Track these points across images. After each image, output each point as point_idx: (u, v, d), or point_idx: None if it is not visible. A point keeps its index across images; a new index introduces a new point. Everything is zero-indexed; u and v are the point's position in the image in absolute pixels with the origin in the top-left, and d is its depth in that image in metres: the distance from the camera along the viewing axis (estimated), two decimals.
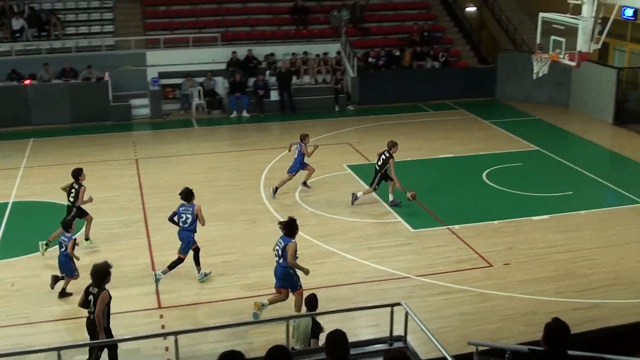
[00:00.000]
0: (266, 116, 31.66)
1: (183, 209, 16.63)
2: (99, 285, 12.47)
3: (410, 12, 38.32)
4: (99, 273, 12.50)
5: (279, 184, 22.14)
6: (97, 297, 12.38)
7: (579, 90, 32.95)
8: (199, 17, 35.23)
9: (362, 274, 17.23)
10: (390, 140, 21.65)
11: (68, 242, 15.98)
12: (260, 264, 17.35)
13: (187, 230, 16.57)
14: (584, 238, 19.48)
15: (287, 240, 14.56)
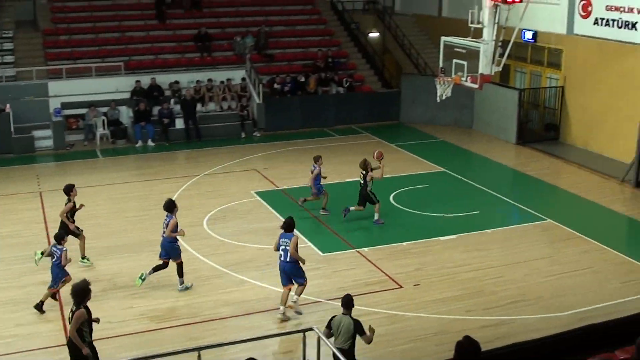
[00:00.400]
0: (172, 145, 31.31)
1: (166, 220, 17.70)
2: (79, 304, 12.56)
3: (314, 38, 38.61)
4: (78, 292, 12.64)
5: (324, 204, 22.98)
6: (73, 314, 12.51)
7: (482, 111, 33.61)
8: (102, 46, 34.79)
9: (274, 301, 17.07)
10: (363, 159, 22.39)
11: (60, 253, 16.19)
12: (172, 295, 17.11)
13: (166, 240, 17.58)
14: (491, 256, 19.80)
15: (290, 235, 16.23)
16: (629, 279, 18.45)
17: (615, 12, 28.11)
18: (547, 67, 32.31)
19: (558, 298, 17.42)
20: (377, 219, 22.02)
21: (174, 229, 17.42)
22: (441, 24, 38.19)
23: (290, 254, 16.23)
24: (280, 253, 16.44)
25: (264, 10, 39.23)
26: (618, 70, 28.33)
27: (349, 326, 12.70)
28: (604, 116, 29.23)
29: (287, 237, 16.32)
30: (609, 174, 26.89)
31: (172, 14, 37.46)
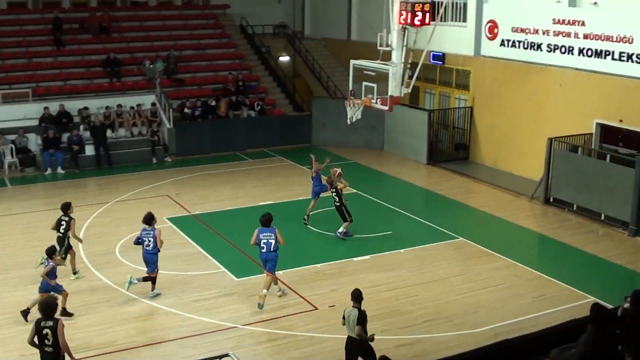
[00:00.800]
0: (82, 172, 30.74)
1: (145, 233, 18.36)
2: (51, 317, 12.86)
3: (224, 62, 38.53)
4: (49, 307, 12.99)
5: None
6: (55, 328, 12.73)
7: (392, 133, 33.95)
8: (9, 73, 34.01)
9: (189, 328, 16.90)
10: (328, 177, 23.56)
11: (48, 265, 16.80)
12: (86, 324, 16.76)
13: (151, 253, 18.32)
14: (405, 275, 19.94)
15: (271, 229, 18.21)
16: (541, 294, 18.79)
17: (521, 34, 28.82)
18: (456, 88, 32.88)
19: (472, 315, 17.63)
20: (342, 231, 22.76)
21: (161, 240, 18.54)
22: (350, 48, 38.57)
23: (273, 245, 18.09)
24: (262, 246, 18.12)
25: (173, 34, 39.07)
26: (525, 90, 28.98)
27: (355, 317, 13.64)
28: (511, 135, 29.84)
29: (268, 231, 18.20)
30: (518, 192, 27.41)
31: (81, 39, 36.96)
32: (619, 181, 23.48)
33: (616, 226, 23.84)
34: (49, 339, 12.74)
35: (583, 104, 26.67)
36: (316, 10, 44.05)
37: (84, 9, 39.30)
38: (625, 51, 24.93)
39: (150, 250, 18.32)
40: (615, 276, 20.44)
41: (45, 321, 12.82)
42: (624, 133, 26.23)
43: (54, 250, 17.31)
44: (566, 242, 22.73)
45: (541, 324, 16.10)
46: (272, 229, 18.27)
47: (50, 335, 12.73)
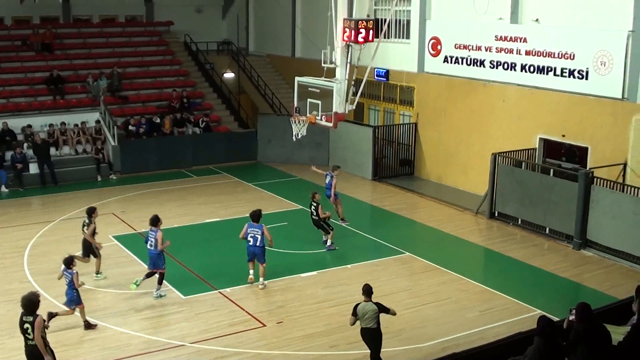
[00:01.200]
0: (26, 190, 30.26)
1: (150, 234, 19.46)
2: (32, 313, 13.72)
3: (168, 79, 38.39)
4: (31, 302, 13.83)
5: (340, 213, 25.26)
6: (33, 323, 13.62)
7: (337, 149, 34.06)
8: None
9: (136, 347, 16.71)
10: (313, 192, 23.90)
11: (71, 275, 17.05)
12: None
13: (153, 252, 19.37)
14: (353, 291, 19.87)
15: (259, 226, 19.88)
16: (488, 307, 18.94)
17: (464, 50, 29.17)
18: (400, 105, 33.13)
19: (420, 329, 17.71)
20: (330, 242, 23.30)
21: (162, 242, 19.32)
22: (295, 64, 38.73)
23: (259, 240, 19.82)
24: (249, 239, 19.84)
25: (116, 51, 38.84)
26: (468, 106, 29.32)
27: (373, 310, 15.01)
28: (456, 150, 30.14)
29: (256, 227, 19.88)
30: (463, 207, 27.67)
31: (23, 57, 36.51)
32: (563, 195, 23.82)
33: (560, 239, 24.16)
34: (30, 333, 13.72)
35: (526, 120, 27.07)
36: (260, 27, 44.17)
37: (26, 26, 38.87)
38: (567, 67, 25.38)
39: (153, 250, 19.39)
40: (561, 289, 20.69)
41: (27, 316, 13.76)
42: (566, 148, 26.67)
43: (71, 259, 17.42)
44: (511, 256, 22.98)
45: (488, 337, 16.22)
46: (260, 226, 19.88)
47: (30, 330, 13.69)
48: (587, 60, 24.71)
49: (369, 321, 15.10)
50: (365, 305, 15.10)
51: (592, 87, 24.73)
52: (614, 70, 23.90)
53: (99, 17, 42.31)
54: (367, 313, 15.06)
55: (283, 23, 41.09)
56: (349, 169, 33.02)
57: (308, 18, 38.99)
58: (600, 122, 24.54)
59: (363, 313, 15.09)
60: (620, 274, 21.57)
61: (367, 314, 15.06)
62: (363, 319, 15.12)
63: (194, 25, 43.52)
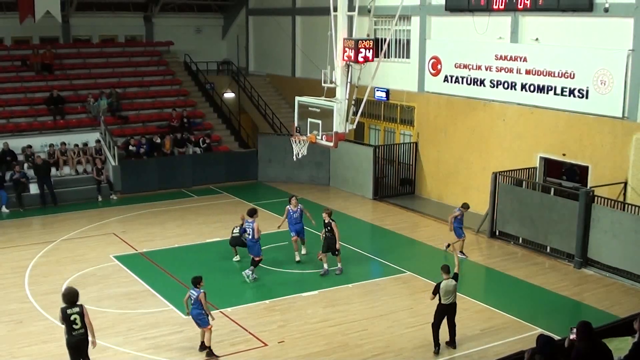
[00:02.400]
0: (27, 211, 30.21)
1: (247, 224, 22.18)
2: (76, 304, 15.03)
3: (168, 99, 38.46)
4: (72, 294, 15.13)
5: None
6: (82, 313, 15.01)
7: (338, 168, 34.10)
8: None
9: None
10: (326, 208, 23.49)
11: (197, 295, 17.15)
12: None
13: (251, 241, 21.89)
14: (354, 310, 19.94)
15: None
16: (489, 326, 18.92)
17: (464, 70, 29.25)
18: (401, 124, 33.19)
19: (421, 348, 17.68)
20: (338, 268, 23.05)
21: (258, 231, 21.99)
22: (295, 84, 38.79)
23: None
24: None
25: (116, 71, 38.91)
26: (468, 125, 29.37)
27: (454, 285, 17.05)
28: (456, 170, 30.17)
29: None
30: (464, 226, 27.57)
31: (24, 77, 36.59)
32: (564, 214, 23.84)
33: (561, 258, 24.17)
34: (77, 322, 14.92)
35: (527, 139, 27.12)
36: (260, 47, 44.29)
37: (26, 47, 39.00)
38: (567, 86, 25.44)
39: (251, 239, 21.85)
40: (561, 307, 20.68)
41: (71, 308, 14.94)
42: (567, 167, 26.70)
43: (199, 280, 17.45)
44: (512, 275, 22.98)
45: (489, 356, 16.23)
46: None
47: (79, 319, 14.93)
48: (587, 79, 24.78)
49: (447, 299, 17.07)
50: (448, 283, 17.04)
51: (592, 106, 24.77)
52: (614, 89, 23.96)
53: (99, 37, 42.43)
54: (450, 289, 17.04)
55: (283, 43, 41.21)
56: (349, 189, 33.06)
57: (308, 38, 39.12)
58: (600, 141, 24.58)
59: (447, 290, 16.99)
60: (621, 292, 21.57)
61: (450, 290, 17.04)
62: (445, 296, 17.01)
63: (194, 45, 43.70)
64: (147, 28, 43.75)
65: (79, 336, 15.02)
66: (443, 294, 17.04)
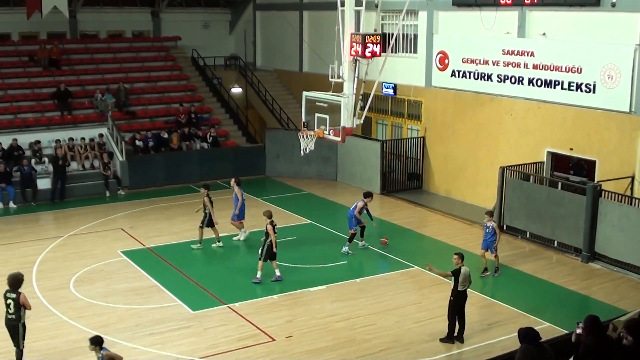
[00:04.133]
0: (34, 206, 30.25)
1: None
2: (16, 289, 15.94)
3: (176, 94, 38.47)
4: (16, 280, 16.06)
5: None
6: (17, 300, 15.84)
7: (345, 163, 34.10)
8: None
9: None
10: None
11: None
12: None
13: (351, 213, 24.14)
14: (361, 305, 19.96)
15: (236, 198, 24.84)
16: (496, 321, 18.95)
17: (471, 65, 29.22)
18: (408, 119, 33.17)
19: (429, 343, 17.71)
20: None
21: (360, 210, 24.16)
22: (302, 79, 38.80)
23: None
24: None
25: (124, 67, 38.95)
26: (476, 120, 29.35)
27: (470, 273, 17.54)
28: (464, 164, 30.15)
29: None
30: (472, 220, 27.67)
31: (31, 72, 36.64)
32: (571, 208, 23.83)
33: (569, 252, 24.17)
34: (11, 308, 15.80)
35: (534, 133, 27.09)
36: (268, 42, 44.27)
37: (34, 42, 39.04)
38: (574, 81, 25.41)
39: (351, 211, 24.07)
40: (569, 302, 20.69)
41: (10, 292, 15.86)
42: (574, 161, 26.67)
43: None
44: (520, 269, 23.00)
45: (496, 351, 16.24)
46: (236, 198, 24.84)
47: (12, 306, 15.79)
48: (595, 74, 24.75)
49: (463, 285, 17.51)
50: (466, 270, 17.51)
51: (599, 101, 24.75)
52: (622, 83, 23.93)
53: (106, 33, 42.41)
54: (467, 276, 17.52)
55: (290, 38, 41.18)
56: (357, 183, 33.06)
57: (315, 33, 39.10)
58: (607, 136, 24.56)
59: (465, 277, 17.42)
60: (629, 286, 21.58)
61: (467, 277, 17.51)
62: (463, 282, 17.42)
63: (201, 41, 43.69)
64: (154, 23, 43.75)
65: (10, 321, 15.99)
66: (462, 280, 17.38)
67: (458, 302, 17.56)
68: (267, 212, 22.07)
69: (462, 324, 17.76)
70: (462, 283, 17.37)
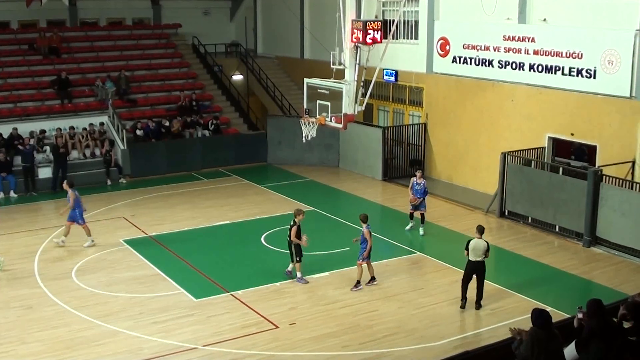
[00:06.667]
0: (35, 195, 30.26)
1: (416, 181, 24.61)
2: None
3: (177, 82, 38.48)
4: None
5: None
6: None
7: (347, 150, 34.10)
8: None
9: (149, 350, 16.74)
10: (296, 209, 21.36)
11: None
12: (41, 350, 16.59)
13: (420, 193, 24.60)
14: (364, 291, 20.00)
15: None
16: (499, 306, 18.98)
17: (472, 51, 29.20)
18: (409, 105, 33.16)
19: (432, 328, 17.75)
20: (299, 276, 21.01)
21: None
22: (304, 66, 38.76)
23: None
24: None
25: (124, 54, 38.93)
26: (477, 106, 29.34)
27: (484, 247, 18.57)
28: (466, 150, 30.16)
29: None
30: (474, 206, 27.71)
31: (31, 61, 36.61)
32: (572, 193, 23.84)
33: (570, 237, 24.20)
34: None
35: (535, 119, 27.08)
36: (269, 29, 44.25)
37: (33, 30, 39.02)
38: (575, 66, 25.40)
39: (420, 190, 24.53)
40: (571, 286, 20.73)
41: None
42: (575, 146, 26.68)
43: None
44: (522, 254, 23.03)
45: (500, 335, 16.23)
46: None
47: None
48: (595, 59, 24.74)
49: (476, 256, 18.52)
50: (478, 242, 18.54)
51: (600, 86, 24.75)
52: (622, 69, 23.92)
53: (106, 20, 42.46)
54: (479, 248, 18.48)
55: (291, 24, 41.11)
56: (359, 170, 33.10)
57: (316, 19, 39.04)
58: (608, 121, 24.55)
59: (476, 248, 18.47)
60: (630, 270, 21.62)
61: (478, 249, 18.48)
62: (474, 253, 18.47)
63: (202, 28, 43.63)
64: (154, 10, 43.74)
65: None
66: (471, 249, 18.47)
67: (466, 269, 18.80)
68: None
69: (478, 292, 18.88)
70: (473, 253, 18.49)
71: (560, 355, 11.21)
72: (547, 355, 10.93)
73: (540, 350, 10.93)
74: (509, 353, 11.68)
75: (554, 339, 11.21)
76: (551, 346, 11.08)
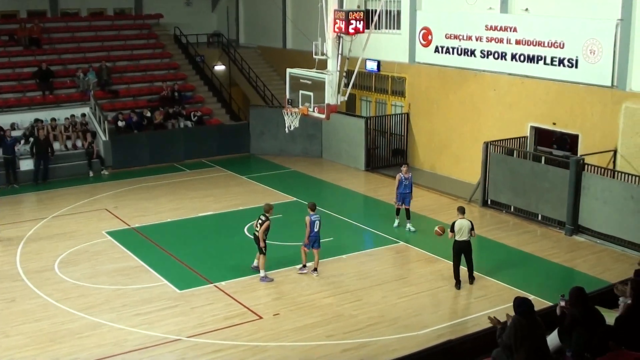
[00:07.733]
0: (16, 187, 30.00)
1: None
2: None
3: (159, 72, 38.32)
4: None
5: None
6: None
7: (330, 140, 34.08)
8: None
9: (133, 342, 16.70)
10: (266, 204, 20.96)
11: None
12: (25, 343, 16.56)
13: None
14: (348, 281, 20.05)
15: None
16: (481, 294, 19.08)
17: (455, 40, 29.23)
18: (392, 95, 33.17)
19: (415, 317, 17.81)
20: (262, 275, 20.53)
21: None
22: (286, 56, 38.72)
23: None
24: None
25: (106, 45, 38.69)
26: (460, 96, 29.38)
27: (468, 226, 19.25)
28: (448, 140, 30.22)
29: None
30: (456, 195, 27.78)
31: (12, 52, 36.35)
32: (554, 182, 23.94)
33: (553, 226, 24.31)
34: None
35: (517, 108, 27.16)
36: (251, 19, 44.14)
37: (14, 21, 38.72)
38: (557, 56, 25.47)
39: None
40: (554, 274, 20.85)
41: None
42: (557, 135, 26.77)
43: None
44: (504, 243, 23.13)
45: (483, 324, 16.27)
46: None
47: None
48: (577, 49, 24.81)
49: (460, 235, 19.25)
50: (462, 221, 19.29)
51: (581, 76, 24.82)
52: (603, 58, 24.01)
53: (87, 11, 42.18)
54: (464, 228, 19.21)
55: (273, 14, 41.02)
56: (342, 161, 33.12)
57: (299, 9, 38.97)
58: (590, 110, 24.65)
59: (460, 228, 19.21)
60: (612, 258, 21.76)
61: (464, 229, 19.21)
62: (459, 233, 19.22)
63: (184, 18, 43.47)
64: (136, 1, 43.50)
65: None
66: (457, 230, 19.26)
67: (454, 249, 19.48)
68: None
69: (469, 267, 19.82)
70: (458, 234, 19.27)
71: (543, 343, 11.26)
72: (530, 343, 10.97)
73: (524, 338, 10.97)
74: (492, 341, 11.74)
75: (536, 327, 11.26)
76: (534, 334, 11.13)
